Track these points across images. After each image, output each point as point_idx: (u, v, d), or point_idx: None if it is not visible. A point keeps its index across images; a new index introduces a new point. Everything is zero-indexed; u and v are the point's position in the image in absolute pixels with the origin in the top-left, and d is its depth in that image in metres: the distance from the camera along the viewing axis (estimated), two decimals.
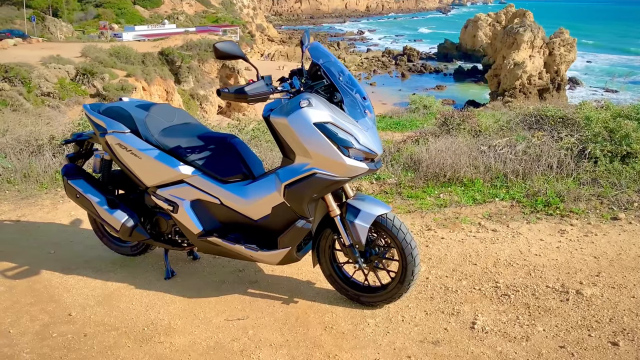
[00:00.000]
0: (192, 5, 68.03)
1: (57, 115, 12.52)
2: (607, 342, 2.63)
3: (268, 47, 67.47)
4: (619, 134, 4.75)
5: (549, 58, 43.99)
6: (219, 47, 2.62)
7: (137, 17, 58.71)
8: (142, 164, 3.13)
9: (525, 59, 43.01)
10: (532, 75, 43.07)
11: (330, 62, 2.81)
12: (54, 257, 3.77)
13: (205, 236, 3.09)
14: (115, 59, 30.56)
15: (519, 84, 42.75)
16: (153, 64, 32.62)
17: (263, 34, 71.98)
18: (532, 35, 43.58)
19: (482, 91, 48.82)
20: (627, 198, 4.14)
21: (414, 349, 2.68)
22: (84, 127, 6.04)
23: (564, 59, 44.18)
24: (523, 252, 3.57)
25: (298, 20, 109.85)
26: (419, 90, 45.61)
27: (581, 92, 48.16)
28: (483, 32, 60.32)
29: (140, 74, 29.81)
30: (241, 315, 3.03)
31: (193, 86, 35.21)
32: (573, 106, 6.59)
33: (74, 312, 3.09)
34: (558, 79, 43.93)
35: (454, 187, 4.66)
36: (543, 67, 43.90)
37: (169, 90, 31.87)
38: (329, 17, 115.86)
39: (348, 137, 2.68)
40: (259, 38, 68.91)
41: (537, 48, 44.03)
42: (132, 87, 27.67)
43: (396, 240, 2.85)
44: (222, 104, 37.78)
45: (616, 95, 43.46)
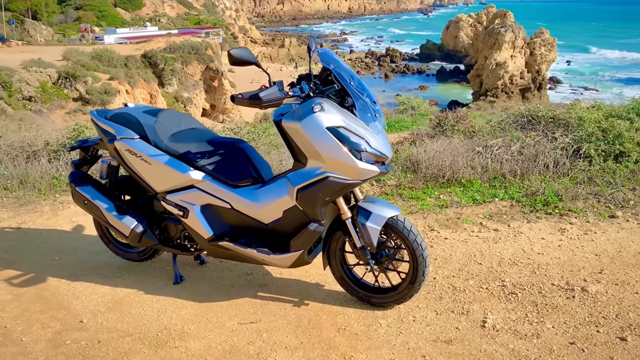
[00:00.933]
0: (174, 7, 67.62)
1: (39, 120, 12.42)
2: (616, 338, 2.70)
3: (251, 49, 67.19)
4: (612, 134, 4.87)
5: (530, 58, 44.55)
6: (233, 53, 2.65)
7: (119, 20, 58.16)
8: (152, 169, 3.13)
9: (506, 59, 43.49)
10: (514, 75, 43.57)
11: (340, 67, 2.85)
12: (59, 264, 3.75)
13: (216, 241, 3.11)
14: (97, 62, 30.28)
15: (501, 84, 43.22)
16: (136, 67, 32.38)
17: (246, 35, 71.83)
18: (513, 35, 44.10)
19: (464, 91, 49.28)
20: (622, 196, 4.24)
21: (428, 349, 2.72)
22: (79, 133, 6.00)
23: (545, 59, 44.79)
24: (526, 251, 3.64)
25: (280, 21, 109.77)
26: (402, 90, 45.89)
27: (562, 92, 48.91)
28: (464, 33, 60.89)
29: (124, 77, 29.55)
30: (254, 318, 3.05)
31: (177, 88, 35.03)
32: (564, 106, 6.72)
33: (85, 319, 3.09)
34: (539, 78, 44.51)
35: (453, 187, 4.73)
36: (524, 66, 44.44)
37: (152, 93, 31.65)
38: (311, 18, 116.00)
39: (360, 140, 2.72)
40: (242, 40, 68.70)
41: (519, 48, 44.56)
42: (115, 91, 27.42)
43: (407, 242, 2.90)
44: (206, 106, 37.67)
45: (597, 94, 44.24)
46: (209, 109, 37.96)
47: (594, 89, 49.40)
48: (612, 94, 43.28)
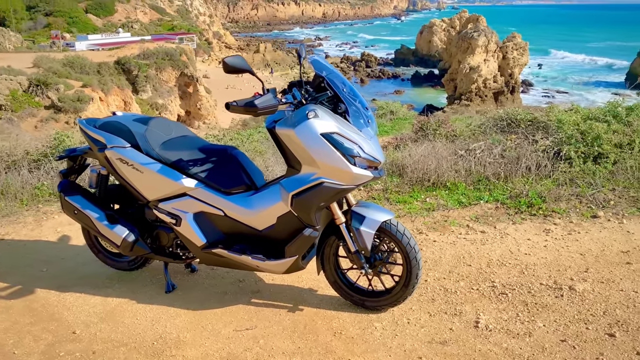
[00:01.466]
0: (147, 13, 66.99)
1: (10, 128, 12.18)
2: (604, 334, 2.78)
3: (226, 55, 67.00)
4: (590, 136, 5.00)
5: (503, 62, 45.29)
6: (228, 61, 2.66)
7: (90, 26, 57.34)
8: (144, 178, 3.12)
9: (480, 63, 44.15)
10: (487, 78, 44.25)
11: (332, 74, 2.89)
12: (47, 275, 3.70)
13: (209, 248, 3.11)
14: (69, 69, 29.87)
15: (475, 88, 43.84)
16: (109, 74, 32.04)
17: (220, 41, 71.55)
18: (486, 39, 44.80)
19: (439, 95, 49.85)
20: (603, 197, 4.36)
21: (424, 350, 2.77)
22: (60, 142, 5.91)
23: (517, 62, 45.58)
24: (513, 251, 3.72)
25: (255, 27, 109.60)
26: (378, 95, 46.22)
27: (534, 95, 49.88)
28: (438, 38, 61.66)
29: (97, 84, 29.19)
30: (249, 325, 3.06)
31: (151, 95, 34.73)
32: (542, 109, 6.87)
33: (78, 330, 3.05)
34: (512, 81, 45.26)
35: (439, 191, 4.80)
36: (497, 70, 45.16)
37: (127, 100, 31.33)
38: (285, 23, 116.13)
39: (353, 146, 2.76)
40: (217, 45, 68.46)
41: (491, 52, 45.28)
42: (88, 98, 27.07)
43: (401, 245, 2.94)
44: (181, 112, 37.40)
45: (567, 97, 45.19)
46: (184, 115, 37.72)
47: (564, 91, 50.49)
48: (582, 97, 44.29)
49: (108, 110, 29.70)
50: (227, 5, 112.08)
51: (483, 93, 44.07)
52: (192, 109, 38.55)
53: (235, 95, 45.74)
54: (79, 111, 26.03)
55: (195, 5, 75.62)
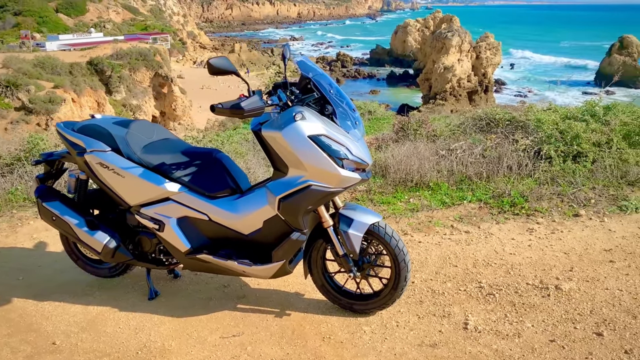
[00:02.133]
0: (119, 13, 65.95)
1: None
2: (592, 333, 2.80)
3: (201, 55, 66.45)
4: (569, 135, 5.05)
5: (477, 61, 45.82)
6: (213, 63, 2.59)
7: (61, 26, 56.22)
8: (126, 182, 3.03)
9: (454, 63, 44.59)
10: (462, 78, 44.72)
11: (319, 75, 2.85)
12: (23, 284, 3.58)
13: (194, 254, 3.04)
14: (40, 70, 29.26)
15: (450, 87, 44.26)
16: (82, 74, 31.50)
17: (195, 41, 70.88)
18: (460, 39, 45.27)
19: (414, 95, 50.20)
20: (584, 195, 4.41)
21: (414, 353, 2.74)
22: (34, 145, 5.75)
23: (490, 62, 46.17)
24: (498, 251, 3.73)
25: (229, 26, 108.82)
26: (354, 95, 46.31)
27: (507, 94, 50.58)
28: (412, 38, 62.09)
29: (69, 85, 28.67)
30: (236, 331, 2.99)
31: (125, 96, 34.24)
32: (519, 109, 6.92)
33: (58, 341, 2.95)
34: (485, 81, 45.84)
35: (422, 191, 4.80)
36: (471, 70, 45.67)
37: (100, 101, 30.86)
38: (260, 23, 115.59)
39: (341, 148, 2.72)
40: (191, 45, 67.82)
41: (465, 52, 45.76)
42: (60, 99, 26.59)
43: (389, 248, 2.91)
44: (155, 113, 36.95)
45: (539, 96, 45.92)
46: (159, 116, 37.26)
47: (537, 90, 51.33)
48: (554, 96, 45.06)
49: (81, 112, 29.17)
50: (201, 5, 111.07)
51: (457, 92, 44.52)
52: (167, 110, 38.10)
53: (210, 96, 45.36)
54: (50, 113, 25.52)
55: (169, 5, 74.78)
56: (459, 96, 44.04)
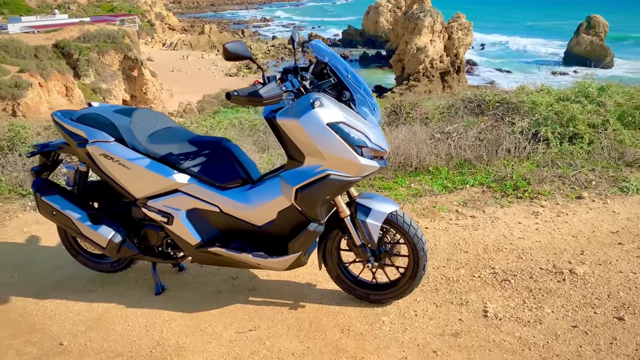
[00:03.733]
0: None
1: None
2: (613, 318, 2.80)
3: (170, 36, 65.07)
4: (565, 117, 5.05)
5: (449, 42, 45.91)
6: (229, 47, 2.46)
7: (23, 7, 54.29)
8: (132, 174, 2.89)
9: (426, 44, 44.59)
10: (434, 59, 44.78)
11: (336, 59, 2.74)
12: (19, 281, 3.41)
13: (205, 247, 2.93)
14: (3, 54, 28.28)
15: (422, 68, 44.30)
16: (48, 58, 30.52)
17: (163, 22, 69.31)
18: (432, 20, 45.24)
19: (386, 76, 50.11)
20: (585, 177, 4.42)
21: (437, 343, 2.70)
22: (15, 134, 5.48)
23: (462, 43, 46.33)
24: (507, 236, 3.70)
25: (198, 7, 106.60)
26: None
27: (478, 74, 50.94)
28: (384, 18, 61.81)
29: (35, 68, 27.76)
30: (251, 325, 2.91)
31: (94, 80, 33.35)
32: (509, 91, 6.91)
33: (65, 341, 2.82)
34: (458, 62, 46.01)
35: (422, 176, 4.74)
36: (443, 50, 45.76)
37: (68, 86, 29.96)
38: (230, 4, 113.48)
39: (360, 136, 2.63)
40: (159, 27, 66.30)
41: (437, 32, 45.79)
42: (27, 84, 25.74)
43: (408, 237, 2.85)
44: (126, 97, 36.12)
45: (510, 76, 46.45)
46: (130, 100, 36.43)
47: (507, 70, 51.89)
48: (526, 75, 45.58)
49: (49, 97, 28.32)
50: None
51: (430, 73, 44.61)
52: (137, 94, 37.25)
53: (181, 79, 44.59)
54: (17, 98, 24.73)
55: None
56: (432, 77, 44.14)
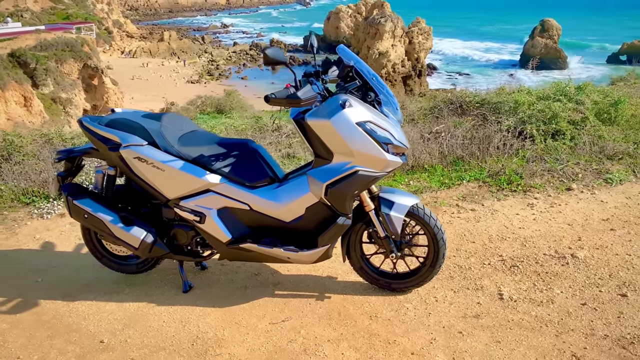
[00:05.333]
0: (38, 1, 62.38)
1: None
2: (617, 295, 3.07)
3: (128, 44, 64.17)
4: (548, 115, 5.37)
5: (410, 46, 46.81)
6: (268, 53, 2.64)
7: None
8: (165, 176, 3.00)
9: (388, 48, 45.36)
10: (396, 63, 45.60)
11: (360, 63, 2.93)
12: (45, 286, 3.45)
13: (235, 243, 3.06)
14: None
15: (385, 73, 45.00)
16: (3, 67, 29.68)
17: (121, 30, 68.27)
18: (393, 25, 46.04)
19: None
20: (571, 170, 4.73)
21: (462, 325, 2.91)
22: (9, 143, 5.45)
23: (423, 47, 47.30)
24: (508, 226, 3.96)
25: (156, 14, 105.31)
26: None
27: (438, 78, 52.07)
28: (345, 24, 62.56)
29: None
30: (283, 317, 3.05)
31: (53, 89, 32.60)
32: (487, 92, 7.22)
33: (105, 339, 2.90)
34: (419, 66, 46.95)
35: (419, 173, 4.97)
36: (405, 55, 46.62)
37: (27, 96, 29.27)
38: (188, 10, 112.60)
39: (386, 134, 2.83)
40: (117, 35, 65.28)
41: (398, 37, 46.62)
42: None
43: (428, 227, 3.06)
44: (87, 106, 35.45)
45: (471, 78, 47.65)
46: (91, 109, 35.76)
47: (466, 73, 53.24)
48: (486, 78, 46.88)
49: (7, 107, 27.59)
50: None
51: (393, 77, 45.37)
52: (98, 102, 36.57)
53: (142, 87, 44.01)
54: None
55: None
56: (395, 81, 44.90)
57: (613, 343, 2.69)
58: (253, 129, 7.20)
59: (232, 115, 9.54)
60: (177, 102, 33.63)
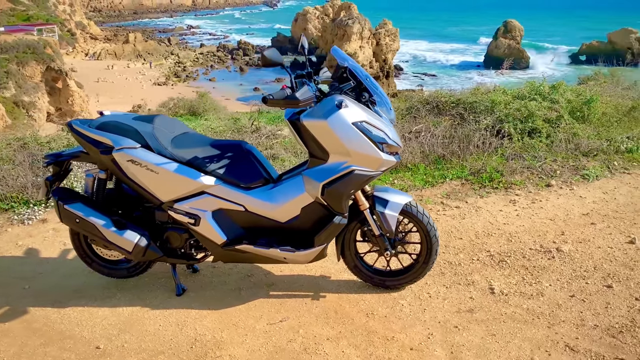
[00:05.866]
0: None
1: None
2: (603, 286, 3.18)
3: (93, 46, 62.87)
4: (524, 114, 5.52)
5: (377, 48, 47.27)
6: (267, 54, 2.66)
7: None
8: (159, 178, 2.98)
9: (356, 50, 45.68)
10: (364, 64, 45.86)
11: (354, 64, 2.97)
12: (32, 293, 3.38)
13: (230, 245, 3.06)
14: None
15: None
16: None
17: (84, 32, 66.83)
18: (360, 26, 46.43)
19: None
20: (549, 167, 4.88)
21: (457, 320, 2.97)
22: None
23: (390, 48, 47.83)
24: (493, 222, 4.05)
25: (120, 16, 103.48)
26: (259, 83, 46.08)
27: (405, 79, 52.64)
28: (312, 25, 62.64)
29: None
30: (280, 317, 3.06)
31: (15, 92, 31.75)
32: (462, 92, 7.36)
33: (101, 345, 2.86)
34: (386, 67, 47.42)
35: (402, 172, 5.04)
36: (372, 56, 47.02)
37: None
38: (153, 12, 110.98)
39: (381, 133, 2.87)
40: (81, 36, 63.87)
41: (366, 39, 47.03)
42: None
43: (421, 225, 3.11)
44: (50, 110, 34.65)
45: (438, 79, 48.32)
46: (55, 113, 34.92)
47: (432, 74, 53.97)
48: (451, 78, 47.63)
49: None
50: None
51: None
52: (63, 106, 35.76)
53: (107, 89, 43.20)
54: None
55: None
56: None
57: (603, 332, 2.79)
58: (231, 130, 7.17)
59: (208, 117, 9.47)
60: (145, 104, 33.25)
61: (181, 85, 47.08)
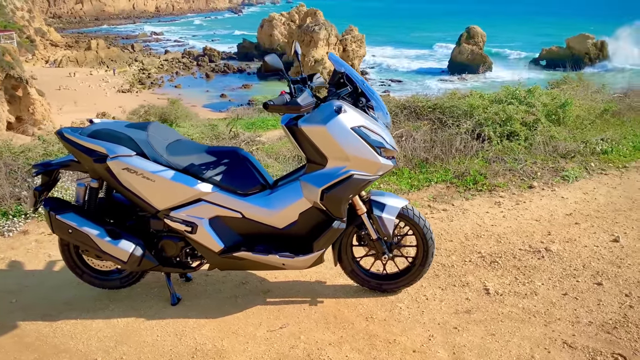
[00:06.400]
0: None
1: None
2: (594, 284, 3.27)
3: (53, 53, 61.45)
4: (503, 117, 5.64)
5: (344, 54, 47.59)
6: (268, 61, 2.67)
7: None
8: (155, 186, 2.93)
9: (323, 56, 45.90)
10: (332, 70, 46.09)
11: (351, 70, 2.99)
12: (20, 307, 3.27)
13: (227, 252, 3.03)
14: None
15: None
16: None
17: (44, 38, 65.30)
18: (327, 32, 46.73)
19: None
20: (530, 169, 5.00)
21: (455, 321, 3.01)
22: None
23: (357, 54, 48.26)
24: (480, 224, 4.12)
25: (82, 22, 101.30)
26: (226, 90, 45.82)
27: (373, 84, 53.00)
28: (279, 31, 62.68)
29: None
30: (280, 323, 3.04)
31: None
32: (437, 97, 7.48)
33: (99, 358, 2.79)
34: None
35: (388, 177, 5.08)
36: None
37: None
38: (116, 18, 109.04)
39: (378, 138, 2.90)
40: (41, 43, 62.42)
41: (333, 45, 47.33)
42: None
43: (418, 228, 3.15)
44: (10, 119, 33.70)
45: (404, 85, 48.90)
46: (15, 122, 33.95)
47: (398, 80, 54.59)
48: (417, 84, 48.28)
49: None
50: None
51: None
52: (24, 114, 34.78)
53: (70, 97, 42.24)
54: None
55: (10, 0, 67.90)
56: None
57: (598, 329, 2.87)
58: (209, 137, 7.11)
59: (183, 124, 9.36)
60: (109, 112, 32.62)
61: (146, 92, 46.41)
